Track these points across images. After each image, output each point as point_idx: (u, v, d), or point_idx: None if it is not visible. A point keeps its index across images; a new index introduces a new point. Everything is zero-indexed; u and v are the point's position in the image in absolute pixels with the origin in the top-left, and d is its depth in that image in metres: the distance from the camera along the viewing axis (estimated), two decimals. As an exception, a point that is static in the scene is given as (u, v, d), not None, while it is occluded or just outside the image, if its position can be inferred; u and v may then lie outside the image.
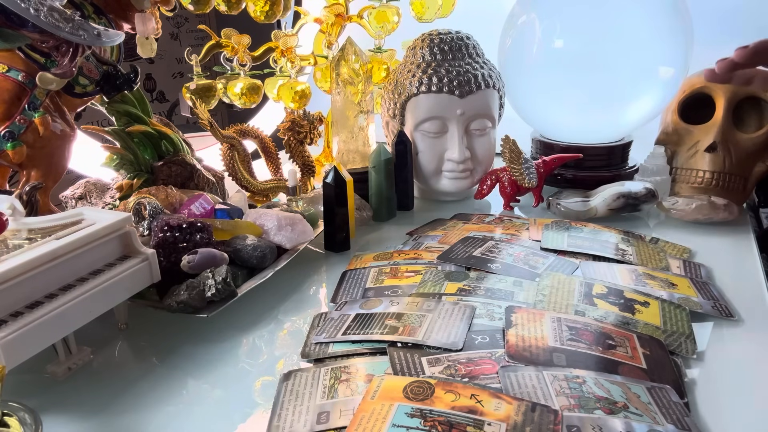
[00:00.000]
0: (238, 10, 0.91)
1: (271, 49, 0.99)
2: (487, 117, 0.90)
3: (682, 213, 0.82)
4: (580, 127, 0.96)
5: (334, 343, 0.54)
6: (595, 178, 0.94)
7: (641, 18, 0.86)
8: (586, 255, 0.71)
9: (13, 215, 0.52)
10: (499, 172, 0.91)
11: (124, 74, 0.76)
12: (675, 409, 0.44)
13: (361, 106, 0.90)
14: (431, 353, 0.51)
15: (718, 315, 0.59)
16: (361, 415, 0.43)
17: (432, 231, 0.81)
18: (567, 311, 0.57)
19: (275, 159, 0.94)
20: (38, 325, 0.45)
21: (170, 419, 0.47)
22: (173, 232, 0.60)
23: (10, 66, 0.67)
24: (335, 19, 1.00)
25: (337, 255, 0.77)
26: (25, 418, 0.41)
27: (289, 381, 0.49)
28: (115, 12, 0.76)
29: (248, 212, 0.74)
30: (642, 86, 0.89)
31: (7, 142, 0.67)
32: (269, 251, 0.67)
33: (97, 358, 0.56)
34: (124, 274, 0.54)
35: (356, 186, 0.82)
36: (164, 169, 0.80)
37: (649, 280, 0.64)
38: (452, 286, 0.63)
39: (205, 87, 0.97)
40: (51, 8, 0.62)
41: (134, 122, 0.78)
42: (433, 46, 0.90)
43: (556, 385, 0.46)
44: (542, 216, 0.87)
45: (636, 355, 0.51)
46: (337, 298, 0.64)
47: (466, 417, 0.42)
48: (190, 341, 0.58)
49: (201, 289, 0.57)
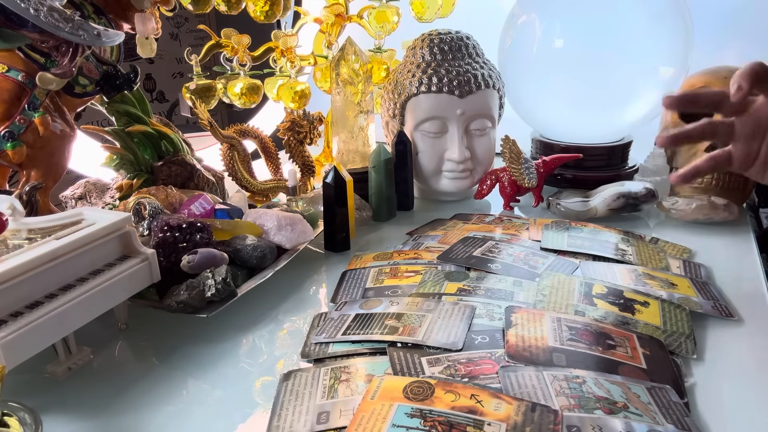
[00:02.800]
0: (238, 10, 0.91)
1: (271, 49, 0.99)
2: (487, 117, 0.90)
3: (682, 213, 0.82)
4: (580, 127, 0.96)
5: (334, 343, 0.54)
6: (595, 178, 0.94)
7: (641, 18, 0.86)
8: (586, 255, 0.71)
9: (13, 215, 0.52)
10: (499, 172, 0.91)
11: (124, 74, 0.76)
12: (675, 409, 0.44)
13: (361, 106, 0.90)
14: (431, 353, 0.51)
15: (718, 315, 0.59)
16: (361, 415, 0.43)
17: (432, 231, 0.81)
18: (567, 311, 0.57)
19: (275, 159, 0.94)
20: (38, 325, 0.45)
21: (170, 419, 0.47)
22: (173, 232, 0.60)
23: (10, 66, 0.67)
24: (335, 19, 1.00)
25: (337, 255, 0.77)
26: (25, 418, 0.41)
27: (289, 381, 0.49)
28: (115, 12, 0.77)
29: (248, 212, 0.74)
30: (642, 86, 0.89)
31: (7, 142, 0.67)
32: (269, 251, 0.67)
33: (97, 358, 0.56)
34: (124, 274, 0.54)
35: (356, 186, 0.82)
36: (164, 169, 0.80)
37: (649, 280, 0.64)
38: (452, 286, 0.63)
39: (205, 87, 0.97)
40: (51, 8, 0.62)
41: (134, 122, 0.78)
42: (433, 46, 0.90)
43: (556, 385, 0.46)
44: (542, 216, 0.87)
45: (636, 355, 0.51)
46: (337, 298, 0.64)
47: (466, 417, 0.42)
48: (190, 341, 0.58)
49: (201, 289, 0.57)
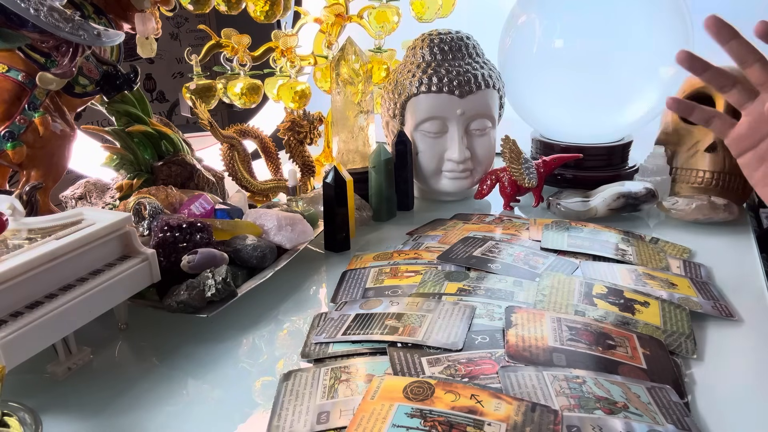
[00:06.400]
0: (238, 10, 0.91)
1: (271, 49, 0.99)
2: (487, 117, 0.90)
3: (682, 213, 0.82)
4: (580, 127, 0.96)
5: (334, 343, 0.54)
6: (595, 178, 0.94)
7: (641, 18, 0.86)
8: (586, 255, 0.71)
9: (13, 215, 0.52)
10: (499, 172, 0.91)
11: (124, 74, 0.76)
12: (675, 409, 0.44)
13: (361, 106, 0.90)
14: (431, 353, 0.51)
15: (718, 315, 0.59)
16: (361, 415, 0.43)
17: (432, 231, 0.81)
18: (567, 311, 0.57)
19: (275, 159, 0.94)
20: (38, 325, 0.45)
21: (170, 419, 0.47)
22: (173, 232, 0.60)
23: (10, 66, 0.67)
24: (335, 19, 1.00)
25: (337, 255, 0.77)
26: (25, 418, 0.41)
27: (289, 381, 0.49)
28: (115, 12, 0.76)
29: (248, 212, 0.74)
30: (642, 86, 0.89)
31: (7, 142, 0.67)
32: (269, 251, 0.67)
33: (97, 358, 0.56)
34: (124, 274, 0.54)
35: (356, 186, 0.82)
36: (164, 169, 0.80)
37: (649, 280, 0.64)
38: (452, 286, 0.63)
39: (205, 87, 0.97)
40: (51, 8, 0.62)
41: (134, 122, 0.78)
42: (433, 46, 0.90)
43: (556, 385, 0.46)
44: (542, 216, 0.87)
45: (636, 355, 0.51)
46: (337, 298, 0.64)
47: (466, 417, 0.42)
48: (190, 341, 0.58)
49: (201, 289, 0.57)
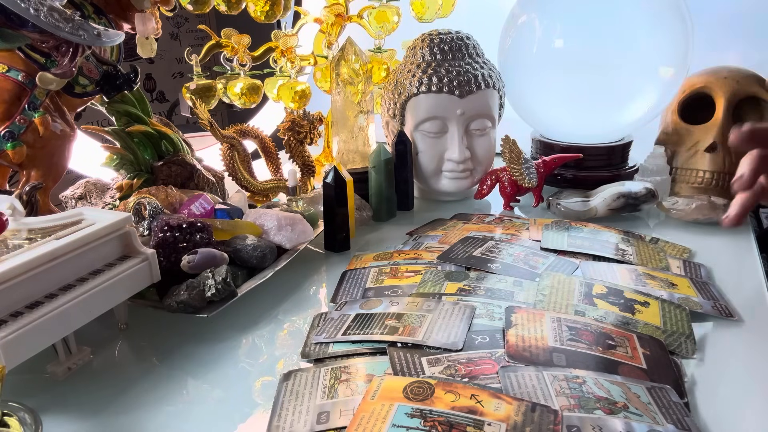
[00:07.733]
0: (238, 10, 0.91)
1: (271, 49, 0.99)
2: (487, 117, 0.90)
3: (682, 213, 0.82)
4: (580, 127, 0.96)
5: (334, 343, 0.54)
6: (595, 178, 0.94)
7: (641, 18, 0.86)
8: (586, 255, 0.71)
9: (13, 215, 0.52)
10: (499, 172, 0.91)
11: (124, 74, 0.76)
12: (675, 409, 0.44)
13: (361, 106, 0.90)
14: (431, 353, 0.51)
15: (718, 315, 0.59)
16: (361, 415, 0.43)
17: (432, 231, 0.81)
18: (567, 311, 0.57)
19: (275, 159, 0.94)
20: (38, 325, 0.45)
21: (170, 419, 0.47)
22: (173, 232, 0.60)
23: (10, 66, 0.67)
24: (335, 19, 1.00)
25: (337, 255, 0.77)
26: (25, 418, 0.41)
27: (289, 381, 0.49)
28: (115, 12, 0.76)
29: (248, 212, 0.74)
30: (642, 86, 0.89)
31: (7, 142, 0.67)
32: (269, 251, 0.67)
33: (97, 358, 0.56)
34: (124, 274, 0.54)
35: (356, 186, 0.82)
36: (164, 169, 0.80)
37: (649, 280, 0.64)
38: (452, 286, 0.63)
39: (205, 87, 0.97)
40: (51, 8, 0.62)
41: (134, 122, 0.78)
42: (433, 46, 0.89)
43: (556, 385, 0.46)
44: (542, 216, 0.87)
45: (636, 355, 0.51)
46: (337, 298, 0.64)
47: (466, 417, 0.42)
48: (190, 341, 0.58)
49: (201, 289, 0.57)
